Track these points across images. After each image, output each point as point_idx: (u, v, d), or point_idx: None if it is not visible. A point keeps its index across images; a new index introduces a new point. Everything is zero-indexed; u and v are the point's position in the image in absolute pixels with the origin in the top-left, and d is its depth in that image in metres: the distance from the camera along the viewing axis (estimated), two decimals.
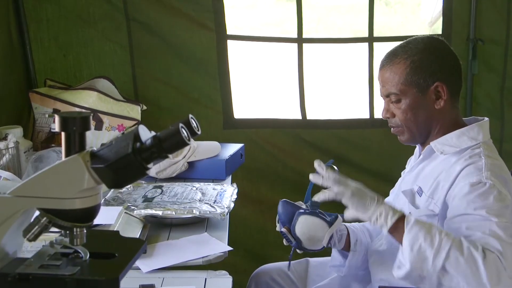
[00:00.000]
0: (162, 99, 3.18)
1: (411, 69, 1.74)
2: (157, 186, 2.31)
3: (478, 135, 1.74)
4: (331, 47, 6.81)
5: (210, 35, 3.16)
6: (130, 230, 1.86)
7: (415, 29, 7.98)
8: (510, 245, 1.51)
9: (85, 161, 1.17)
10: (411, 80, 1.74)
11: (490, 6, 3.21)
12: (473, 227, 1.55)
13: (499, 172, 1.65)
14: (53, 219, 1.20)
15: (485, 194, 1.59)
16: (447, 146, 1.74)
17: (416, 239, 1.52)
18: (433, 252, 1.49)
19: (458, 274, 1.48)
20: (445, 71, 1.75)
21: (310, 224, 1.74)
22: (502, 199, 1.59)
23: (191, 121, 1.20)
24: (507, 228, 1.54)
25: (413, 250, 1.51)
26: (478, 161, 1.67)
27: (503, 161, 1.76)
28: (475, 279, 1.46)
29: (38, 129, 2.75)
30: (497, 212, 1.56)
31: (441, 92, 1.75)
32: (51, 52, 3.07)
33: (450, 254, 1.48)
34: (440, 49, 1.78)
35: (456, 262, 1.47)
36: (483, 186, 1.60)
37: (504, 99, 3.33)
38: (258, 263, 2.28)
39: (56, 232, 1.29)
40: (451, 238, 1.51)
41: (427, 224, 1.56)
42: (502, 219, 1.55)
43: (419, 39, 1.79)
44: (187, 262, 1.76)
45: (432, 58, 1.75)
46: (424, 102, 1.76)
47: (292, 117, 3.49)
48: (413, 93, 1.75)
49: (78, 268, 1.20)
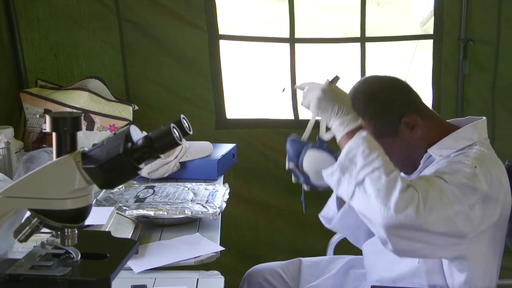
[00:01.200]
0: (154, 99, 3.17)
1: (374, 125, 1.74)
2: (149, 186, 2.31)
3: (473, 134, 1.74)
4: (323, 47, 6.83)
5: (202, 35, 3.15)
6: (122, 230, 1.86)
7: (407, 29, 7.99)
8: (442, 202, 1.51)
9: (76, 162, 1.16)
10: (380, 132, 1.72)
11: (480, 6, 3.23)
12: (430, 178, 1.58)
13: (487, 161, 1.65)
14: (44, 219, 1.20)
15: (459, 168, 1.60)
16: (444, 149, 1.74)
17: (356, 147, 1.54)
18: (362, 163, 1.52)
19: (372, 191, 1.49)
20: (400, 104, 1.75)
21: (318, 158, 1.72)
22: (471, 179, 1.58)
23: (183, 121, 1.20)
24: (452, 195, 1.53)
25: (348, 154, 1.55)
26: (470, 151, 1.68)
27: (499, 160, 1.76)
28: (385, 200, 1.46)
29: (29, 130, 2.74)
30: (455, 182, 1.55)
31: (410, 123, 1.75)
32: (42, 52, 3.06)
33: (375, 171, 1.50)
34: (377, 91, 1.78)
35: (378, 180, 1.49)
36: (461, 164, 1.62)
37: (495, 98, 3.34)
38: (250, 263, 2.28)
39: (47, 232, 1.28)
40: (387, 161, 1.53)
41: (375, 143, 1.57)
42: (455, 188, 1.54)
43: (358, 92, 1.79)
44: (179, 262, 1.76)
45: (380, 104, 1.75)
46: (401, 140, 1.76)
47: (284, 117, 3.49)
48: (389, 141, 1.73)
49: (70, 269, 1.19)
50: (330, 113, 1.64)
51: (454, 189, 1.54)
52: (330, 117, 1.64)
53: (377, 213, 1.47)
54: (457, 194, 1.54)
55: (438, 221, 1.50)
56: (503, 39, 3.26)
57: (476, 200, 1.58)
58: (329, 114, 1.64)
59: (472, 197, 1.57)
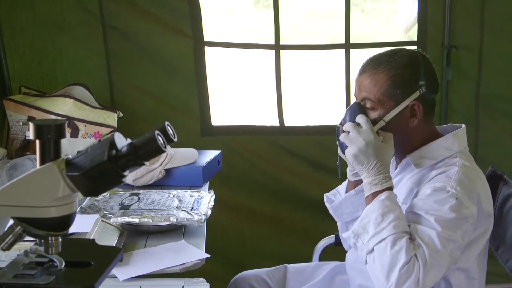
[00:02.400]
0: (138, 106, 3.16)
1: (393, 82, 1.71)
2: (134, 193, 2.30)
3: (453, 144, 1.75)
4: (308, 54, 6.85)
5: (187, 42, 3.15)
6: (107, 238, 1.85)
7: (391, 35, 8.05)
8: (440, 257, 1.56)
9: (60, 169, 1.16)
10: (391, 93, 1.71)
11: (463, 13, 3.26)
12: (417, 229, 1.60)
13: (468, 183, 1.65)
14: (28, 227, 1.19)
15: (443, 201, 1.61)
16: (423, 159, 1.74)
17: (372, 212, 1.62)
18: (373, 232, 1.60)
19: (379, 260, 1.57)
20: (424, 89, 1.72)
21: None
22: (458, 210, 1.59)
23: (167, 128, 1.19)
24: (446, 241, 1.57)
25: (363, 220, 1.64)
26: (451, 169, 1.67)
27: (480, 170, 1.77)
28: (388, 273, 1.55)
29: (13, 137, 2.72)
30: (445, 223, 1.58)
31: (416, 111, 1.73)
32: (26, 59, 3.04)
33: (381, 243, 1.57)
34: (424, 67, 1.74)
35: (384, 250, 1.57)
36: (444, 192, 1.62)
37: (479, 105, 3.37)
38: (236, 270, 2.27)
39: (30, 240, 1.27)
40: (397, 230, 1.57)
41: (390, 206, 1.62)
42: (446, 231, 1.57)
43: (405, 52, 1.76)
44: (164, 270, 1.75)
45: (415, 76, 1.72)
46: (397, 117, 1.73)
47: (269, 123, 3.49)
48: (389, 106, 1.72)
49: (53, 277, 1.19)
50: (364, 167, 1.69)
51: (444, 233, 1.57)
52: (363, 170, 1.69)
53: (381, 285, 1.56)
54: (449, 236, 1.58)
55: (435, 276, 1.58)
56: (486, 46, 3.29)
57: (469, 226, 1.62)
58: (363, 168, 1.69)
59: (464, 225, 1.61)
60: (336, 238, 2.25)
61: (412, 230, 1.61)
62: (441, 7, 3.24)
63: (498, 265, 2.04)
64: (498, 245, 2.04)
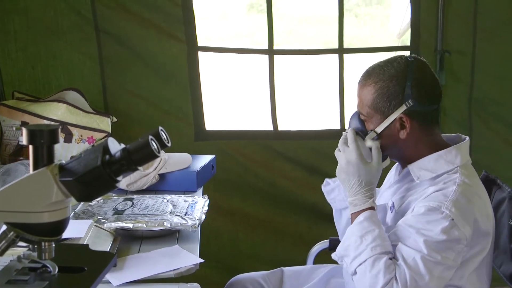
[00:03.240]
0: (132, 111, 3.16)
1: (378, 95, 1.69)
2: (127, 198, 2.29)
3: (455, 158, 1.71)
4: (301, 59, 6.87)
5: (180, 47, 3.16)
6: (100, 243, 1.84)
7: (384, 40, 8.08)
8: (421, 280, 1.56)
9: (53, 174, 1.15)
10: (377, 106, 1.70)
11: (456, 18, 3.27)
12: (403, 249, 1.60)
13: (465, 203, 1.62)
14: (21, 233, 1.18)
15: (436, 222, 1.58)
16: (423, 171, 1.71)
17: (351, 235, 1.66)
18: (353, 255, 1.64)
19: (361, 282, 1.62)
20: (412, 102, 1.67)
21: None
22: (449, 233, 1.57)
23: (161, 133, 1.19)
24: (432, 264, 1.56)
25: (344, 243, 1.69)
26: (449, 187, 1.64)
27: (482, 185, 1.75)
28: None
29: (6, 142, 2.71)
30: (434, 245, 1.57)
31: (405, 123, 1.69)
32: (19, 63, 3.04)
33: (361, 266, 1.61)
34: (412, 79, 1.68)
35: (363, 273, 1.61)
36: (439, 213, 1.59)
37: (472, 109, 3.38)
38: (230, 275, 2.27)
39: (24, 246, 1.27)
40: (375, 252, 1.60)
41: (368, 227, 1.64)
42: (433, 254, 1.56)
43: (396, 63, 1.71)
44: (158, 275, 1.75)
45: (400, 88, 1.67)
46: (388, 130, 1.71)
47: (263, 128, 3.50)
48: (378, 119, 1.71)
49: (47, 283, 1.18)
50: (346, 185, 1.74)
51: (432, 257, 1.56)
52: (346, 188, 1.74)
53: None
54: (436, 260, 1.57)
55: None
56: (478, 51, 3.31)
57: (462, 247, 1.60)
58: (345, 186, 1.74)
59: (456, 247, 1.59)
60: (330, 243, 2.25)
61: (398, 248, 1.60)
62: (434, 12, 3.25)
63: (493, 270, 2.05)
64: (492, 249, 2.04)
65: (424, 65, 1.75)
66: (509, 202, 1.97)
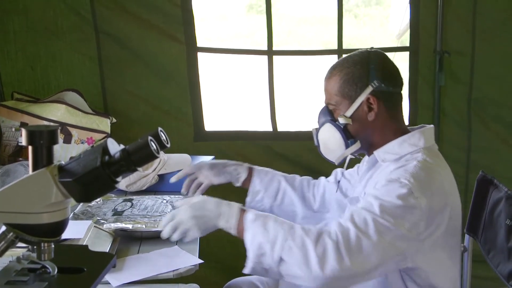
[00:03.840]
0: (132, 112, 3.16)
1: (344, 81, 1.78)
2: (127, 199, 2.29)
3: (419, 141, 1.77)
4: (301, 59, 6.88)
5: (180, 47, 3.16)
6: (100, 244, 1.84)
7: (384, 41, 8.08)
8: (370, 240, 1.53)
9: (53, 175, 1.15)
10: (344, 92, 1.78)
11: (455, 19, 3.28)
12: (355, 210, 1.60)
13: (425, 177, 1.65)
14: (20, 234, 1.18)
15: (393, 189, 1.61)
16: (388, 154, 1.77)
17: (254, 236, 1.58)
18: (269, 246, 1.55)
19: (293, 262, 1.53)
20: (377, 83, 1.76)
21: (331, 134, 1.81)
22: (405, 199, 1.59)
23: (160, 134, 1.20)
24: (383, 228, 1.55)
25: (252, 246, 1.58)
26: (410, 163, 1.69)
27: (448, 167, 1.80)
28: (306, 265, 1.51)
29: (5, 143, 2.71)
30: (387, 209, 1.57)
31: (373, 105, 1.77)
32: (18, 64, 3.04)
33: (284, 245, 1.53)
34: (375, 62, 1.78)
35: (290, 251, 1.53)
36: (397, 183, 1.62)
37: (471, 110, 3.38)
38: (230, 276, 2.27)
39: (23, 247, 1.27)
40: (286, 228, 1.56)
41: (263, 216, 1.61)
42: (386, 217, 1.56)
43: (358, 53, 1.83)
44: (157, 276, 1.75)
45: (364, 71, 1.77)
46: (357, 114, 1.78)
47: (263, 129, 3.49)
48: (346, 104, 1.79)
49: (46, 284, 1.18)
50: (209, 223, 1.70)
51: (385, 219, 1.55)
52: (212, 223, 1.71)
53: (306, 279, 1.52)
54: (388, 224, 1.55)
55: (368, 258, 1.53)
56: (478, 52, 3.31)
57: (419, 217, 1.60)
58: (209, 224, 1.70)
59: (412, 217, 1.59)
60: None
61: (349, 210, 1.62)
62: (433, 13, 3.25)
63: (490, 270, 2.05)
64: (489, 249, 2.05)
65: (384, 54, 1.85)
66: (506, 202, 1.98)
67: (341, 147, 1.80)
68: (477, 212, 2.14)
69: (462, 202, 3.49)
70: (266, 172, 2.19)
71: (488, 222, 2.07)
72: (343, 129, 1.78)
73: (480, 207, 2.13)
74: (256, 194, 2.17)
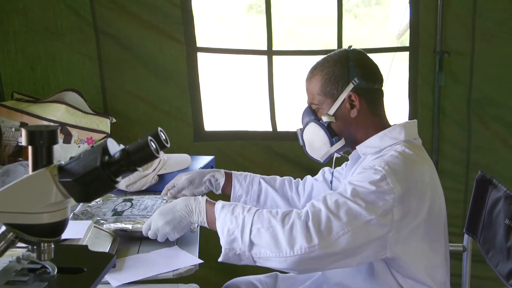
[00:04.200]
0: (131, 112, 3.16)
1: (325, 80, 1.82)
2: (127, 199, 2.29)
3: (399, 134, 1.79)
4: (300, 59, 6.88)
5: (179, 47, 3.16)
6: (99, 244, 1.84)
7: (384, 41, 8.09)
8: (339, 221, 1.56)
9: (52, 175, 1.15)
10: (326, 91, 1.82)
11: (455, 19, 3.28)
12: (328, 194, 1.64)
13: (401, 165, 1.67)
14: (20, 234, 1.18)
15: (367, 176, 1.64)
16: (369, 148, 1.80)
17: (224, 223, 1.66)
18: (239, 230, 1.62)
19: (263, 244, 1.59)
20: (358, 80, 1.79)
21: (316, 133, 1.85)
22: (378, 185, 1.61)
23: (160, 134, 1.19)
24: (353, 212, 1.58)
25: (223, 234, 1.65)
26: (387, 154, 1.72)
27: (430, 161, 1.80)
28: (276, 245, 1.57)
29: (5, 143, 2.71)
30: (359, 193, 1.60)
31: (354, 101, 1.80)
32: (18, 64, 3.04)
33: (252, 228, 1.61)
34: (355, 60, 1.82)
35: (258, 233, 1.60)
36: (371, 170, 1.65)
37: (471, 110, 3.38)
38: (229, 276, 2.27)
39: (23, 247, 1.27)
40: (253, 212, 1.63)
41: (232, 205, 1.68)
42: (358, 201, 1.59)
43: (337, 52, 1.87)
44: (157, 276, 1.75)
45: (345, 69, 1.81)
46: (340, 111, 1.82)
47: (262, 129, 3.50)
48: (329, 103, 1.82)
49: (46, 284, 1.18)
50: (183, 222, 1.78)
51: (356, 203, 1.58)
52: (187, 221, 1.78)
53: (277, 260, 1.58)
54: (360, 208, 1.58)
55: (339, 239, 1.56)
56: (477, 52, 3.31)
57: (392, 203, 1.61)
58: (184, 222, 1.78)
59: (385, 203, 1.60)
60: None
61: (325, 194, 1.64)
62: (433, 13, 3.25)
63: (489, 269, 2.05)
64: (488, 249, 2.05)
65: (363, 52, 1.89)
66: (504, 201, 1.98)
67: (326, 145, 1.84)
68: (476, 212, 2.15)
69: (462, 202, 3.50)
70: (245, 176, 2.21)
71: (487, 222, 2.07)
72: (327, 127, 1.82)
73: (479, 207, 2.13)
74: (238, 199, 2.19)
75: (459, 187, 3.36)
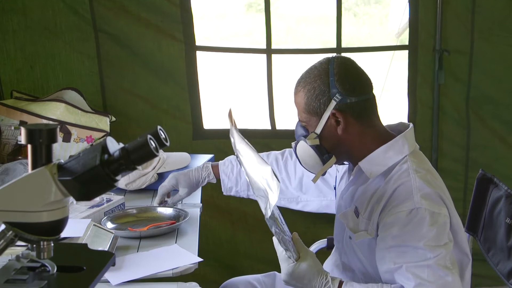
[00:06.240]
0: (131, 110, 3.16)
1: (308, 98, 1.72)
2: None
3: (403, 147, 1.70)
4: (300, 58, 6.88)
5: (178, 46, 3.16)
6: (99, 242, 1.84)
7: (383, 39, 8.08)
8: (444, 280, 1.53)
9: (52, 174, 1.15)
10: (309, 109, 1.73)
11: (454, 18, 3.28)
12: (411, 269, 1.56)
13: (429, 188, 1.62)
14: (20, 232, 1.18)
15: (419, 222, 1.56)
16: (375, 166, 1.71)
17: None
18: None
19: None
20: (340, 96, 1.69)
21: (306, 152, 1.76)
22: (435, 221, 1.57)
23: (160, 132, 1.19)
24: (443, 262, 1.54)
25: None
26: (407, 181, 1.63)
27: (433, 169, 1.75)
28: None
29: (4, 142, 2.71)
30: (433, 243, 1.55)
31: (339, 119, 1.70)
32: (18, 63, 3.04)
33: None
34: (334, 74, 1.70)
35: None
36: (415, 213, 1.57)
37: (470, 108, 3.39)
38: (228, 274, 2.28)
39: (22, 245, 1.27)
40: None
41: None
42: (437, 251, 1.54)
43: (319, 64, 1.75)
44: (157, 274, 1.75)
45: (325, 86, 1.70)
46: (326, 129, 1.72)
47: (261, 127, 3.49)
48: (314, 121, 1.73)
49: (45, 282, 1.18)
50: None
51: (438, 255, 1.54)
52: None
53: None
54: (442, 255, 1.55)
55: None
56: (476, 50, 3.31)
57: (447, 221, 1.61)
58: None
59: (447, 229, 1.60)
60: (328, 242, 2.25)
61: (406, 270, 1.56)
62: (432, 11, 3.26)
63: (490, 268, 2.06)
64: (488, 248, 2.05)
65: (345, 59, 1.76)
66: (505, 200, 1.98)
67: (318, 163, 1.75)
68: (477, 211, 2.15)
69: (462, 200, 3.51)
70: (232, 168, 2.22)
71: (488, 221, 2.08)
72: (316, 146, 1.73)
73: (480, 206, 2.13)
74: (229, 191, 2.22)
75: (458, 186, 3.36)
